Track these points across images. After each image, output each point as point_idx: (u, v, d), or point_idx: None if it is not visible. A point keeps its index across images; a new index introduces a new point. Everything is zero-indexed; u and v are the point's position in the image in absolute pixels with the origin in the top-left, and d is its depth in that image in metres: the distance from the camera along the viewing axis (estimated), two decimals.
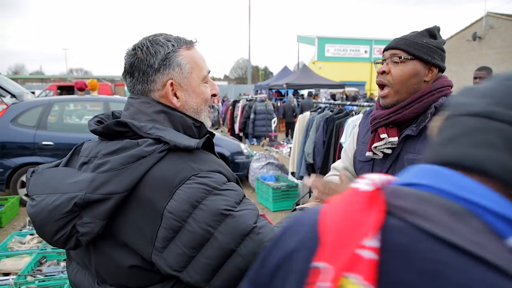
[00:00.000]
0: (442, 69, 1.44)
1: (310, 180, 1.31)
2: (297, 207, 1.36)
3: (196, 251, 0.89)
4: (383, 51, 1.49)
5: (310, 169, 5.07)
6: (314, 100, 6.88)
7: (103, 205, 0.88)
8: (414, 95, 1.40)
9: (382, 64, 1.48)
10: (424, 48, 1.39)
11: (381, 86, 1.47)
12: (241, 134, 11.87)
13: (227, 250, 0.89)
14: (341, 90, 18.32)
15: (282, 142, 10.13)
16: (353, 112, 4.62)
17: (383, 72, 1.44)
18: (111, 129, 0.98)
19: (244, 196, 0.99)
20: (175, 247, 0.88)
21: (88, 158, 1.00)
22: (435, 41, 1.42)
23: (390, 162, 1.44)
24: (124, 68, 1.08)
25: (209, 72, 1.14)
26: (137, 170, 0.90)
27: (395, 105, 1.44)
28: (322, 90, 16.87)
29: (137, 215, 0.91)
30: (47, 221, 0.90)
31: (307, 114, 5.51)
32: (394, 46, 1.43)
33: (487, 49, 16.60)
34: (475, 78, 4.95)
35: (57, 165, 1.08)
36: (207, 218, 0.88)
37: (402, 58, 1.40)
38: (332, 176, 1.65)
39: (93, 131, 1.02)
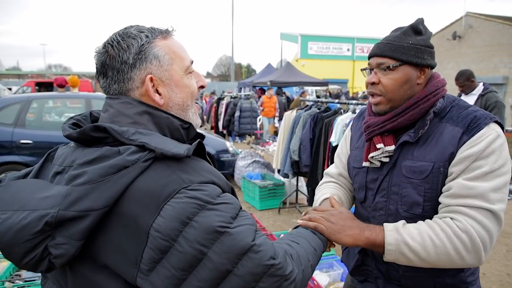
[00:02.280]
0: (433, 67, 1.36)
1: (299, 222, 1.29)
2: (299, 223, 1.28)
3: (187, 273, 0.79)
4: (369, 58, 1.40)
5: (295, 166, 5.05)
6: (301, 98, 6.85)
7: (79, 224, 0.77)
8: (409, 101, 1.32)
9: (370, 72, 1.39)
10: (411, 50, 1.30)
11: (372, 95, 1.39)
12: (224, 132, 11.78)
13: (223, 271, 0.79)
14: (324, 88, 18.40)
15: (268, 140, 10.08)
16: (342, 111, 4.60)
17: (373, 83, 1.35)
18: (88, 135, 0.87)
19: (241, 208, 0.89)
20: (163, 269, 0.78)
21: (62, 167, 0.89)
22: (422, 39, 1.33)
23: (387, 170, 1.37)
24: (96, 68, 0.96)
25: (192, 62, 1.03)
26: (119, 183, 0.79)
27: (388, 112, 1.36)
28: (309, 89, 16.93)
29: (119, 234, 0.80)
30: (14, 242, 0.78)
31: (293, 111, 5.48)
32: (380, 53, 1.33)
33: (467, 48, 16.87)
34: (460, 87, 5.01)
35: (27, 174, 0.96)
36: (200, 237, 0.78)
37: (391, 66, 1.31)
38: (324, 194, 1.58)
39: (68, 137, 0.90)
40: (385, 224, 1.26)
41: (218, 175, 0.90)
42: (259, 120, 11.25)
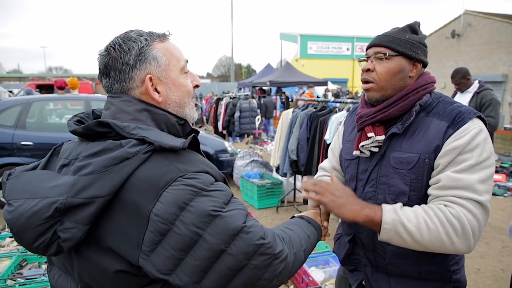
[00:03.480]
0: (425, 64, 1.44)
1: (302, 182, 1.32)
2: (296, 215, 1.33)
3: (185, 253, 0.86)
4: (367, 49, 1.48)
5: (294, 166, 5.10)
6: (299, 98, 6.90)
7: (86, 210, 0.84)
8: (400, 93, 1.39)
9: (366, 61, 1.46)
10: (407, 44, 1.39)
11: (366, 82, 1.46)
12: (224, 132, 11.82)
13: (217, 250, 0.87)
14: (324, 87, 18.44)
15: (266, 140, 10.13)
16: (337, 109, 4.65)
17: (368, 70, 1.43)
18: (92, 129, 0.94)
19: (232, 195, 0.97)
20: (163, 250, 0.86)
21: (68, 160, 0.96)
22: (417, 37, 1.42)
23: (376, 160, 1.44)
24: (99, 69, 1.04)
25: (187, 61, 1.11)
26: (121, 173, 0.86)
27: (380, 100, 1.43)
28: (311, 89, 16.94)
29: (122, 219, 0.87)
30: (26, 227, 0.86)
31: (290, 111, 5.54)
32: (378, 43, 1.42)
33: (466, 46, 16.85)
34: (456, 85, 5.05)
35: (35, 167, 1.04)
36: (196, 220, 0.86)
37: (387, 54, 1.39)
38: (323, 176, 1.65)
39: (73, 132, 0.98)
40: (383, 204, 1.32)
41: (211, 166, 0.98)
42: (258, 120, 11.29)
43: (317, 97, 14.05)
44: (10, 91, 12.32)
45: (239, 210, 0.93)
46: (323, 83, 17.47)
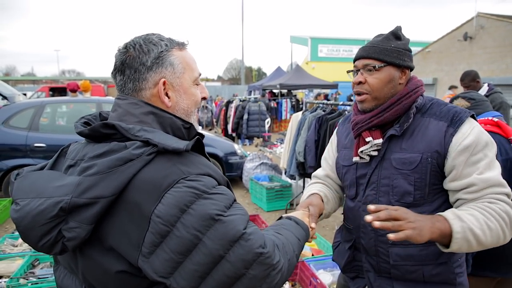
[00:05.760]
0: (412, 69, 1.49)
1: (372, 210, 1.18)
2: (283, 215, 1.33)
3: (184, 257, 0.87)
4: (354, 60, 1.51)
5: (301, 168, 5.11)
6: (307, 101, 6.90)
7: (90, 210, 0.86)
8: (392, 98, 1.43)
9: (356, 73, 1.50)
10: (394, 53, 1.42)
11: (359, 94, 1.49)
12: (233, 134, 11.87)
13: (216, 256, 0.87)
14: (334, 90, 18.38)
15: (276, 142, 10.15)
16: (346, 112, 4.65)
17: (360, 82, 1.46)
18: (98, 131, 0.96)
19: (235, 200, 0.97)
20: (162, 252, 0.86)
21: (75, 161, 0.98)
22: (401, 43, 1.46)
23: (376, 163, 1.46)
24: (115, 66, 1.06)
25: (200, 74, 1.14)
26: (125, 174, 0.87)
27: (373, 109, 1.47)
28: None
29: (124, 219, 0.88)
30: (32, 226, 0.87)
31: (299, 113, 5.55)
32: (366, 55, 1.45)
33: (478, 49, 16.67)
34: (465, 87, 5.00)
35: (42, 168, 1.06)
36: (196, 223, 0.86)
37: (376, 67, 1.42)
38: (311, 191, 1.66)
39: (80, 133, 1.00)
40: (440, 213, 1.27)
41: (214, 169, 0.99)
42: (268, 122, 11.32)
43: (326, 99, 13.98)
44: (24, 94, 12.51)
45: (240, 215, 0.92)
46: (333, 86, 17.41)
